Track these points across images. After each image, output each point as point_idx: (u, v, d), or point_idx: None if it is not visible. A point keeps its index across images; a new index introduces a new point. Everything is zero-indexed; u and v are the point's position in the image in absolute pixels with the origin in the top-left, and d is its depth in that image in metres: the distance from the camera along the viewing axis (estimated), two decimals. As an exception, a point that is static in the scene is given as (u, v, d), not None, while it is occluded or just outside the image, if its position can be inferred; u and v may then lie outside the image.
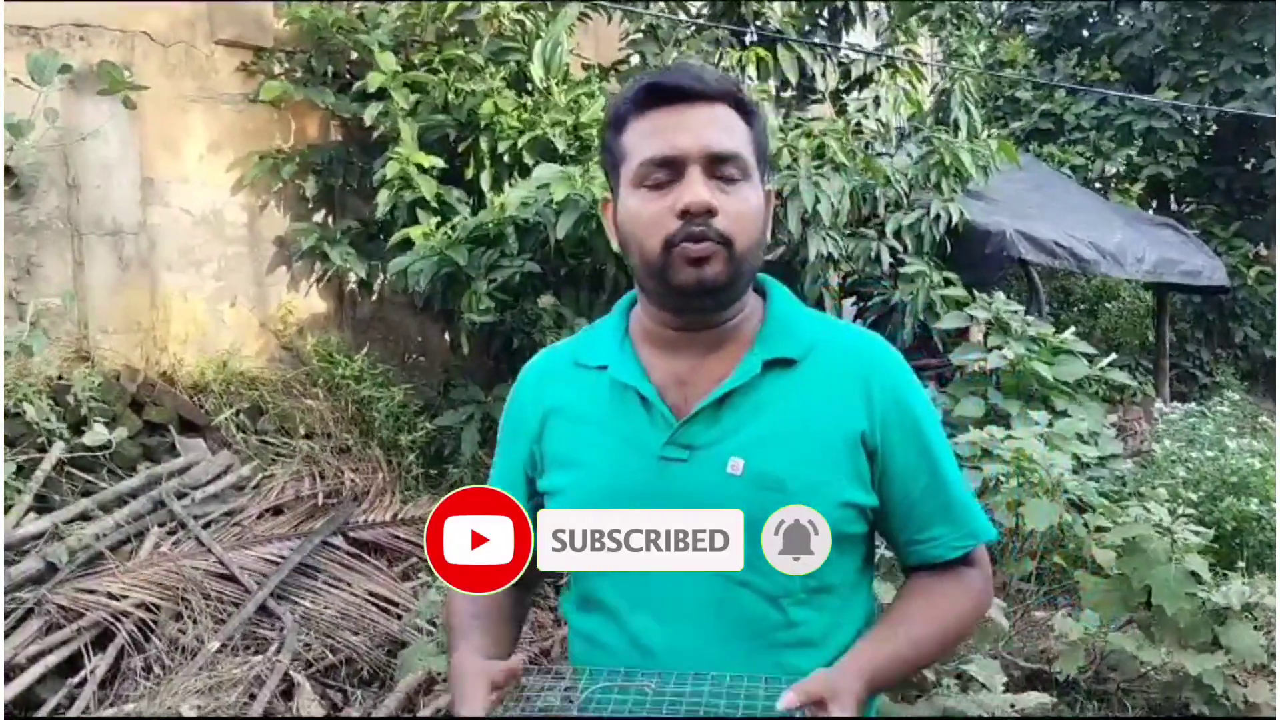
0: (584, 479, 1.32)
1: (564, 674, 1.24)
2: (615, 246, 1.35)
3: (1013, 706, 2.91)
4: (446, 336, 5.78)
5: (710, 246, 1.23)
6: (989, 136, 6.65)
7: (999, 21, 11.80)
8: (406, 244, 5.02)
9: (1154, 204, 11.17)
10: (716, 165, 1.25)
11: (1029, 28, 11.85)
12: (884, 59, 6.81)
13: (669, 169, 1.25)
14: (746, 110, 1.30)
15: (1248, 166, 10.71)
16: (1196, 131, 10.67)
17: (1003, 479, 3.93)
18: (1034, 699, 2.97)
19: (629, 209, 1.29)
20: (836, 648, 1.28)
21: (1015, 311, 5.33)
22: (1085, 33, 11.47)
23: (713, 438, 1.28)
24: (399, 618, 4.01)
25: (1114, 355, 5.53)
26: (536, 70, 5.35)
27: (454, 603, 1.42)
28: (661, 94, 1.27)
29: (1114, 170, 10.67)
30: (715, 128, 1.26)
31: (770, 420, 1.28)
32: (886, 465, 1.31)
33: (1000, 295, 5.50)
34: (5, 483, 3.76)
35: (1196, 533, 3.50)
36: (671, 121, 1.26)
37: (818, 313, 1.42)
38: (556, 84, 5.43)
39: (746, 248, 1.27)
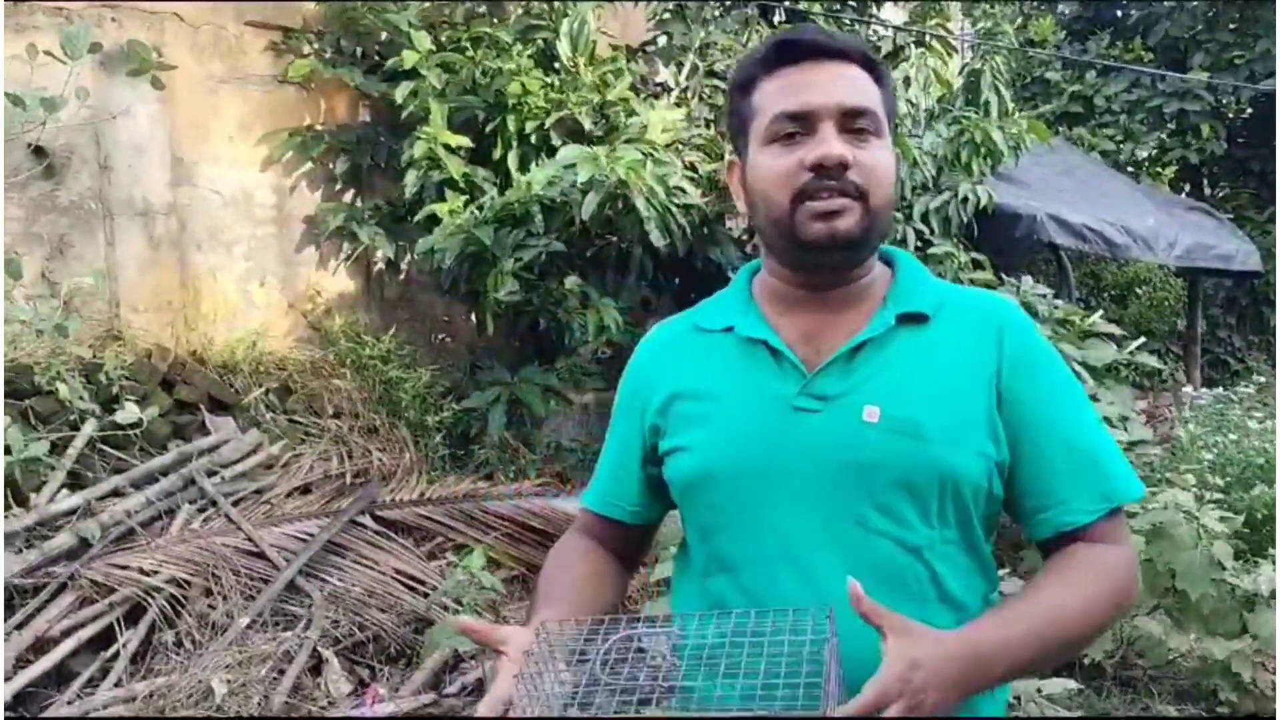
0: (714, 432, 1.28)
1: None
2: (741, 208, 1.33)
3: (1039, 692, 2.90)
4: (473, 318, 5.80)
5: (844, 201, 1.21)
6: (1019, 117, 6.59)
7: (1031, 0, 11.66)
8: (433, 222, 5.03)
9: (1186, 188, 11.04)
10: (850, 120, 1.22)
11: (1060, 7, 11.70)
12: (913, 35, 6.74)
13: (801, 123, 1.22)
14: (876, 71, 1.27)
15: (1283, 150, 10.55)
16: (1230, 114, 10.52)
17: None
18: (1059, 684, 2.95)
19: (758, 166, 1.26)
20: (970, 611, 1.23)
21: (1043, 295, 5.29)
22: (1118, 12, 11.32)
23: (845, 388, 1.24)
24: (425, 596, 4.04)
25: (1143, 340, 5.47)
26: (564, 48, 5.35)
27: (542, 572, 1.40)
28: (792, 51, 1.25)
29: (1145, 154, 10.54)
30: (847, 83, 1.23)
31: (904, 370, 1.24)
32: (1017, 417, 1.24)
33: (1028, 279, 5.45)
34: (39, 459, 3.80)
35: (1224, 518, 3.47)
36: (803, 78, 1.23)
37: (942, 280, 1.39)
38: (584, 62, 5.43)
39: (881, 203, 1.23)
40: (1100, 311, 5.59)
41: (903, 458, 1.20)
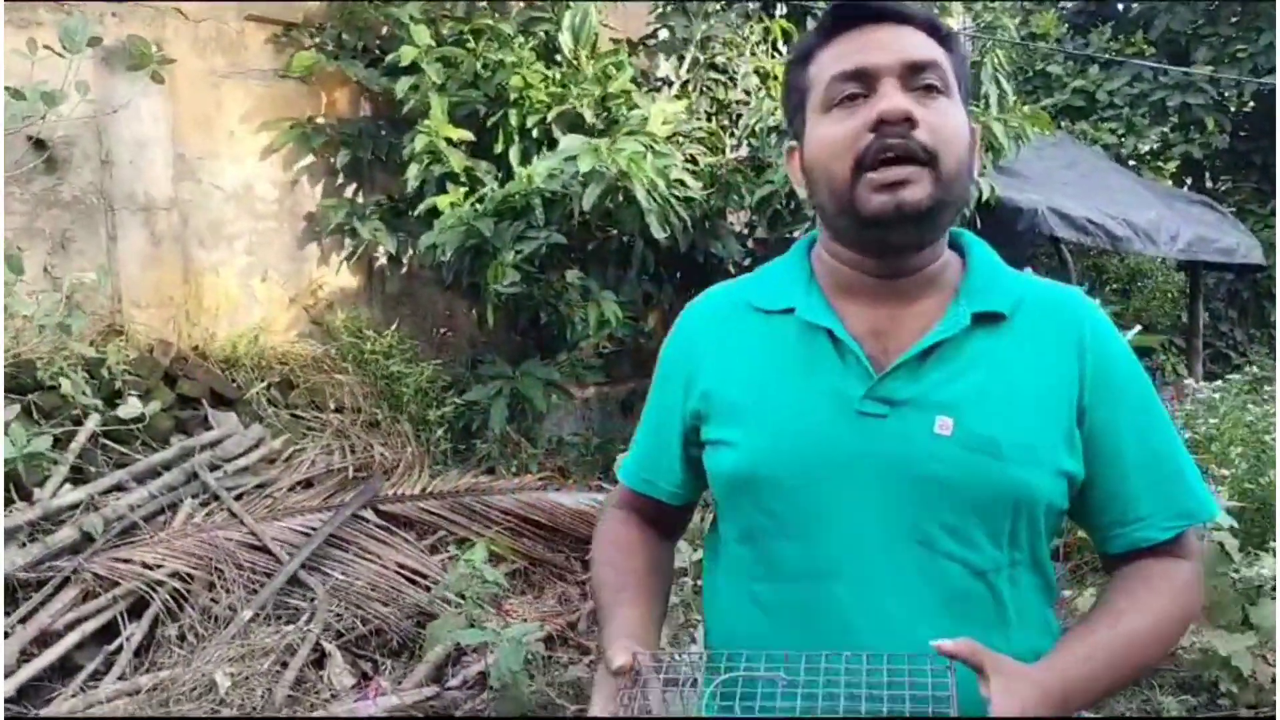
0: (766, 429, 1.18)
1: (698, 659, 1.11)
2: (802, 194, 1.23)
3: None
4: (474, 312, 5.81)
5: (910, 170, 1.09)
6: (1021, 107, 6.59)
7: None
8: (434, 216, 5.03)
9: (1188, 181, 11.02)
10: (914, 75, 1.12)
11: (1062, 1, 11.68)
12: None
13: (860, 83, 1.12)
14: (942, 36, 1.17)
15: (1285, 143, 10.54)
16: (1233, 108, 10.50)
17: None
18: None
19: (816, 137, 1.16)
20: (1041, 633, 1.19)
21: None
22: (1120, 6, 11.31)
23: (915, 393, 1.13)
24: (428, 590, 4.05)
25: (1139, 328, 5.47)
26: (565, 40, 5.34)
27: (597, 577, 1.33)
28: (850, 15, 1.16)
29: (1147, 147, 10.52)
30: (909, 40, 1.14)
31: (980, 377, 1.14)
32: (1098, 432, 1.17)
33: (1028, 271, 5.45)
34: (42, 454, 3.81)
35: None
36: (862, 39, 1.14)
37: (1013, 269, 1.28)
38: (585, 55, 5.42)
39: (953, 169, 1.12)
40: (1097, 301, 5.60)
41: (978, 478, 1.11)
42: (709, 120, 5.96)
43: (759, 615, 1.21)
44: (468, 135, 5.25)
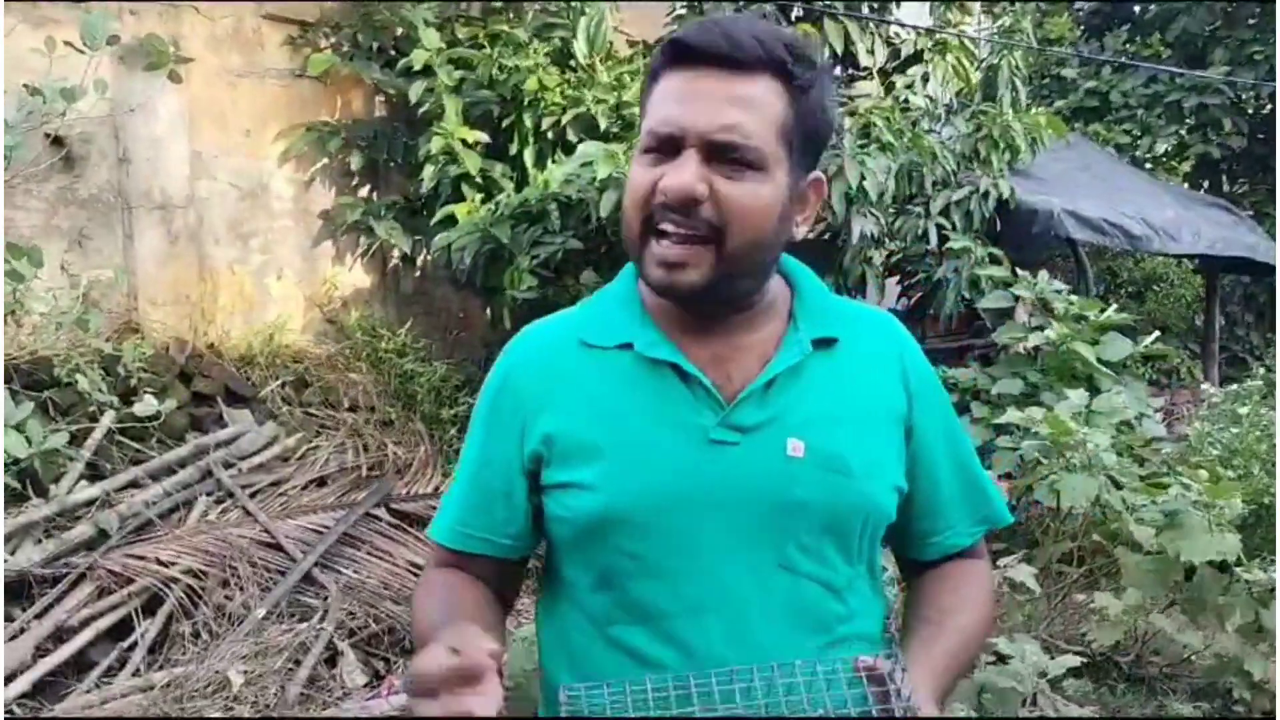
0: (622, 466, 1.13)
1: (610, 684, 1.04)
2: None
3: (1043, 676, 2.90)
4: (488, 312, 5.81)
5: (687, 251, 1.07)
6: (1036, 112, 6.57)
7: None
8: (451, 220, 5.04)
9: (1204, 184, 10.95)
10: (720, 152, 1.06)
11: (1077, 4, 11.62)
12: (934, 39, 6.70)
13: (667, 144, 1.07)
14: (793, 83, 1.08)
15: (1303, 146, 10.46)
16: (1250, 110, 10.43)
17: (1041, 459, 3.89)
18: (1067, 662, 2.96)
19: (630, 175, 1.12)
20: (878, 642, 1.21)
21: (1059, 291, 5.28)
22: (1136, 8, 11.25)
23: (763, 418, 1.13)
24: (440, 589, 4.05)
25: (1158, 334, 5.45)
26: (580, 47, 5.34)
27: (420, 615, 1.23)
28: (685, 54, 1.07)
29: (1163, 149, 10.46)
30: (734, 107, 1.05)
31: (822, 399, 1.15)
32: (920, 448, 1.22)
33: (1044, 274, 5.43)
34: (58, 450, 3.84)
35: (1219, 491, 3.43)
36: (689, 88, 1.07)
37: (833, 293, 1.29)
38: (600, 61, 5.42)
39: (739, 245, 1.07)
40: (1113, 306, 5.58)
41: (831, 496, 1.13)
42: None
43: (625, 660, 1.15)
44: (482, 137, 5.25)
